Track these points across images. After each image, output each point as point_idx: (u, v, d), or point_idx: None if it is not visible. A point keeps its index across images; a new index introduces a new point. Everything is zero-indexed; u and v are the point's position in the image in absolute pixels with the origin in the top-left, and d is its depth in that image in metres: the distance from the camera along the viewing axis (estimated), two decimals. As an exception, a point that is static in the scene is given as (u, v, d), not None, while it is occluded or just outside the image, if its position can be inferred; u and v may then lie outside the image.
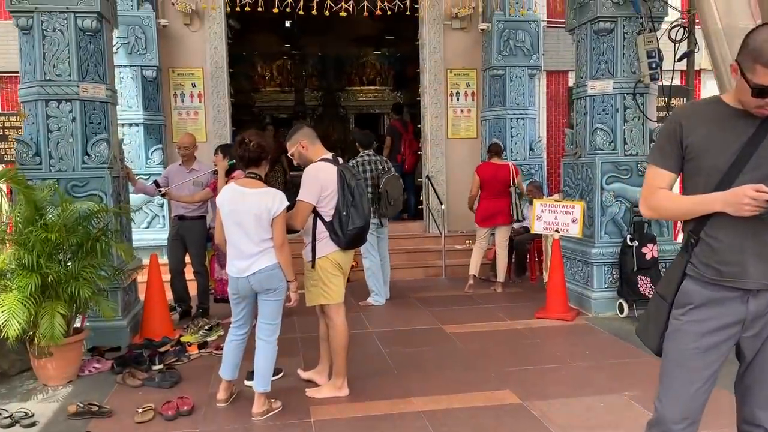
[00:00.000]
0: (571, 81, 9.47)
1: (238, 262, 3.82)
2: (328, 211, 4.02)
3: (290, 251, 3.91)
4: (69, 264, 4.61)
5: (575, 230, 6.23)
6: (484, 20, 8.84)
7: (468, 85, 9.17)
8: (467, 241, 8.65)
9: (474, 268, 7.40)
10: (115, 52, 7.73)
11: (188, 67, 8.39)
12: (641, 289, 5.97)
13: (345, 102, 18.12)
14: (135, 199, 7.77)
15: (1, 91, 8.91)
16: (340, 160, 4.21)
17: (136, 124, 7.85)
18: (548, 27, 9.20)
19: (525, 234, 7.85)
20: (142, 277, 5.98)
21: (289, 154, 4.25)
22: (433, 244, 8.85)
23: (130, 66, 7.81)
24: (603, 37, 6.30)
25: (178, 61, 8.37)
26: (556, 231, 6.29)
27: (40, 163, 5.31)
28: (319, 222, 4.04)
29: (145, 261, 5.91)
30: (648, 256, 6.08)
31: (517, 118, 8.75)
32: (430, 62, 9.03)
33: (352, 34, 16.28)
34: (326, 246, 4.06)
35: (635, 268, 6.05)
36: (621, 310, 6.13)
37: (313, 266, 4.07)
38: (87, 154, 5.43)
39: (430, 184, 9.05)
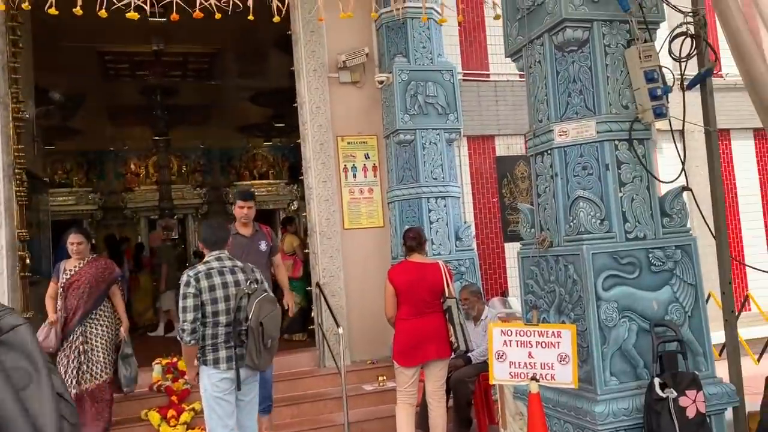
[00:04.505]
0: (499, 148, 6.93)
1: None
2: None
3: None
4: None
5: (567, 376, 3.33)
6: (381, 70, 6.22)
7: (367, 156, 6.37)
8: (380, 378, 5.58)
9: None
10: None
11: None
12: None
13: (234, 198, 15.26)
14: None
15: None
16: None
17: None
18: (464, 81, 6.69)
19: (465, 367, 4.88)
20: None
21: None
22: (330, 384, 5.68)
23: None
24: (572, 53, 3.70)
25: None
26: (534, 380, 3.36)
27: None
28: None
29: None
30: (691, 412, 3.27)
31: (437, 198, 5.98)
32: (312, 127, 6.19)
33: (237, 122, 13.74)
34: None
35: (676, 436, 3.21)
36: None
37: None
38: None
39: (321, 296, 6.00)
